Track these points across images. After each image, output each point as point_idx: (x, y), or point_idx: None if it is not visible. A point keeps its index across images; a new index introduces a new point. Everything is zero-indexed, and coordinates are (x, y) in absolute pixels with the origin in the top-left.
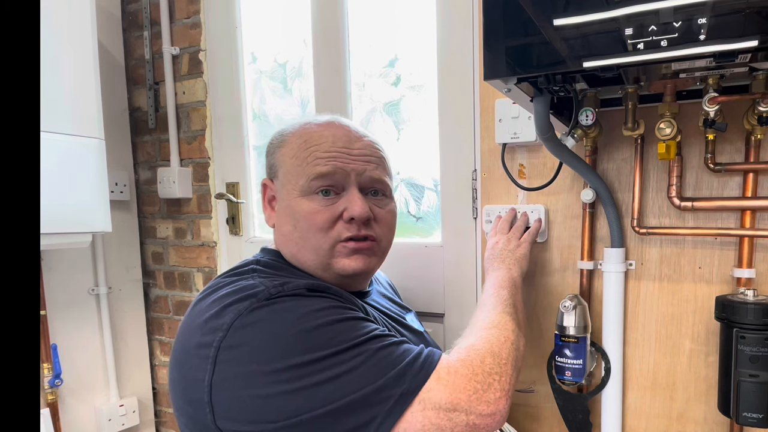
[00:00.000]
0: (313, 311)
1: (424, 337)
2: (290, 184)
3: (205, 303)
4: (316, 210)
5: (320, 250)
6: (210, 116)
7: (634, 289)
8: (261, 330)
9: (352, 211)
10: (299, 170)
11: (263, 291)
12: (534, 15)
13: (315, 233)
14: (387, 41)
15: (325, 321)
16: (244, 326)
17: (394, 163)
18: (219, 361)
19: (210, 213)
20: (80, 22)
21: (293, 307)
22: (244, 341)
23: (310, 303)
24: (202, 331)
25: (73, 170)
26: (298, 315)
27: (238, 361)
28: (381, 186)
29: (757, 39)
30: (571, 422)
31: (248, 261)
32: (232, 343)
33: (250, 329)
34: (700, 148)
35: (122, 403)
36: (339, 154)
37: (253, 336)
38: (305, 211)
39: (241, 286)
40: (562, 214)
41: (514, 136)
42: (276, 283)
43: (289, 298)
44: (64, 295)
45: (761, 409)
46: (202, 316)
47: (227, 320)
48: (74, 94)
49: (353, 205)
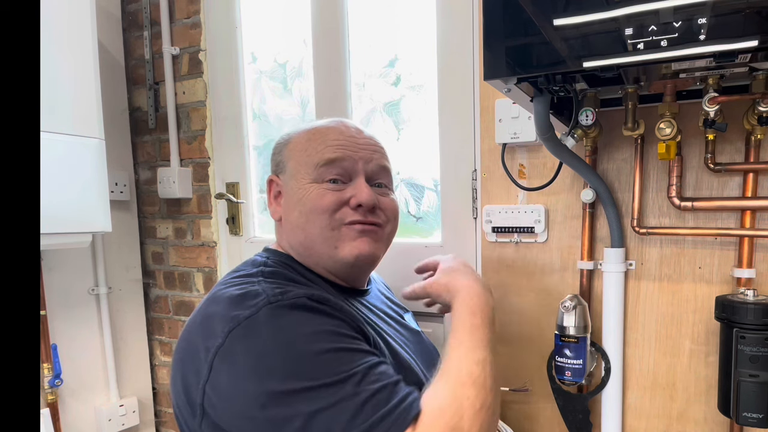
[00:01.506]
0: (306, 334)
1: (421, 337)
2: (300, 173)
3: (211, 306)
4: (323, 193)
5: (326, 231)
6: (210, 116)
7: (634, 289)
8: (253, 345)
9: (359, 198)
10: (308, 159)
11: (263, 299)
12: (534, 15)
13: (321, 214)
14: (387, 41)
15: (314, 350)
16: (240, 337)
17: (394, 163)
18: (214, 368)
19: (210, 213)
20: (80, 22)
21: (288, 324)
22: (237, 351)
23: (306, 321)
24: (204, 334)
25: (73, 170)
26: (290, 336)
27: (228, 373)
28: (385, 176)
29: (757, 39)
30: (571, 422)
31: (256, 261)
32: (227, 351)
33: (244, 342)
34: (700, 148)
35: (122, 403)
36: (347, 143)
37: (244, 349)
38: (313, 195)
39: (245, 291)
40: (562, 214)
41: (514, 136)
42: (277, 292)
43: (288, 310)
44: (64, 295)
45: (761, 409)
46: (206, 318)
47: (227, 327)
48: (74, 94)
49: (360, 192)
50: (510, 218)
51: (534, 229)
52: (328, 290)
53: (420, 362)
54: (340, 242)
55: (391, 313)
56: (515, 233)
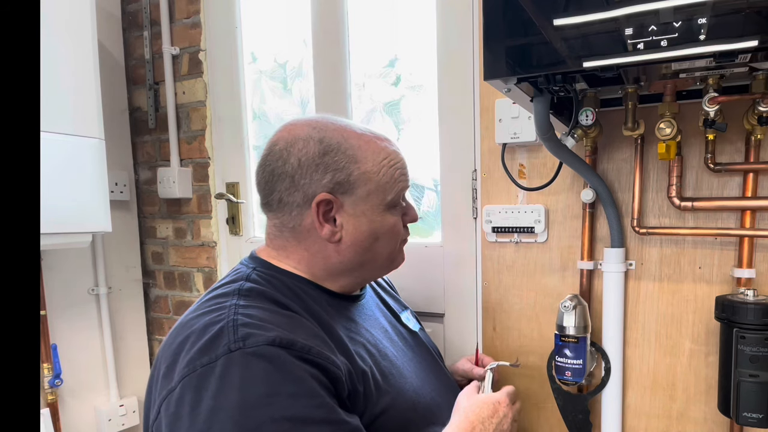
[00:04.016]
0: (259, 396)
1: (419, 337)
2: (377, 199)
3: (179, 336)
4: (396, 221)
5: (392, 254)
6: (210, 116)
7: (634, 289)
8: (199, 399)
9: (413, 216)
10: (388, 186)
11: (224, 347)
12: (534, 15)
13: (393, 242)
14: (387, 41)
15: (261, 417)
16: (190, 387)
17: None
18: (161, 413)
19: (210, 213)
20: (80, 22)
21: (243, 381)
22: (184, 402)
23: (264, 378)
24: (167, 369)
25: (73, 170)
26: (241, 398)
27: (168, 424)
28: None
29: (757, 39)
30: (571, 422)
31: (238, 275)
32: (176, 398)
33: (192, 394)
34: (700, 148)
35: (122, 403)
36: (404, 165)
37: (191, 401)
38: (390, 224)
39: (210, 333)
40: (562, 214)
41: (514, 136)
42: (240, 335)
43: (246, 362)
44: (64, 295)
45: (761, 409)
46: (171, 350)
47: (183, 372)
48: (74, 94)
49: (412, 211)
50: (510, 218)
51: (534, 229)
52: (321, 303)
53: (412, 366)
54: (398, 256)
55: (388, 315)
56: (515, 233)
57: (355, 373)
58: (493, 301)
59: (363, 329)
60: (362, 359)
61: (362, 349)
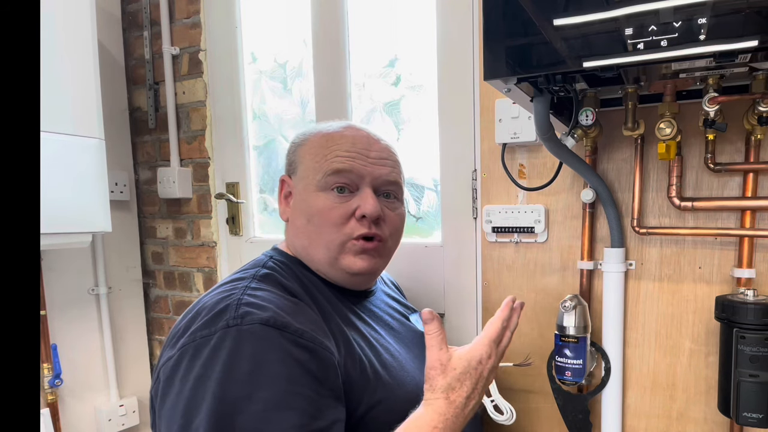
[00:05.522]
0: (240, 373)
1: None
2: (308, 178)
3: (193, 310)
4: (330, 206)
5: (331, 245)
6: (210, 116)
7: (634, 289)
8: (191, 368)
9: (364, 209)
10: (318, 166)
11: (223, 323)
12: (534, 15)
13: (328, 228)
14: (387, 41)
15: (239, 393)
16: (188, 356)
17: None
18: (159, 377)
19: (210, 213)
20: (80, 22)
21: (229, 358)
22: (180, 367)
23: (253, 354)
24: (177, 339)
25: (73, 170)
26: (223, 372)
27: (163, 391)
28: (394, 189)
29: (757, 39)
30: (571, 422)
31: (258, 261)
32: (174, 364)
33: (188, 362)
34: (700, 148)
35: (122, 403)
36: (357, 155)
37: (185, 369)
38: (320, 206)
39: (217, 308)
40: (562, 214)
41: (514, 136)
42: (241, 312)
43: (241, 337)
44: (64, 295)
45: (761, 409)
46: (184, 323)
47: (183, 340)
48: (74, 94)
49: (365, 203)
50: (510, 218)
51: (534, 229)
52: (326, 294)
53: (416, 363)
54: (343, 255)
55: (395, 315)
56: (515, 233)
57: (351, 359)
58: (493, 301)
59: (366, 322)
60: (360, 348)
61: (361, 339)
